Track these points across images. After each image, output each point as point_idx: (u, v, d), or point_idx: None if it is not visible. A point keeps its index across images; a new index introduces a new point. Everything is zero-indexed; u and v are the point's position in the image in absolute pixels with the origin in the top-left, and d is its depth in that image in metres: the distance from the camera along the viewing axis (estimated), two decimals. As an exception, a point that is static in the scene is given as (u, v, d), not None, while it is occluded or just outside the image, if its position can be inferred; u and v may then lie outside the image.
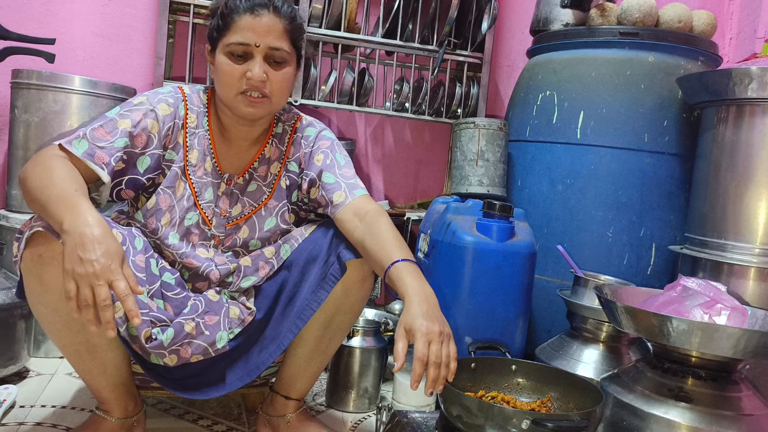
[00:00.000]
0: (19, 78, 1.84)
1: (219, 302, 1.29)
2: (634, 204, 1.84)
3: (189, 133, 1.28)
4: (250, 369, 1.29)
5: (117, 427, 1.26)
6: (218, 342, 1.25)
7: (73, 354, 1.18)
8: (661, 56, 1.85)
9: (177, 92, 1.29)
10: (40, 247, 1.07)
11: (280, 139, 1.37)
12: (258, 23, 1.19)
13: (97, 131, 1.17)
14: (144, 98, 1.25)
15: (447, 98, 2.40)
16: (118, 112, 1.21)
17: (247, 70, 1.20)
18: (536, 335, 1.89)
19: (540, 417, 1.03)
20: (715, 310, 1.16)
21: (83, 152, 1.14)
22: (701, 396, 1.12)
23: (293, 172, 1.37)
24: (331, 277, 1.26)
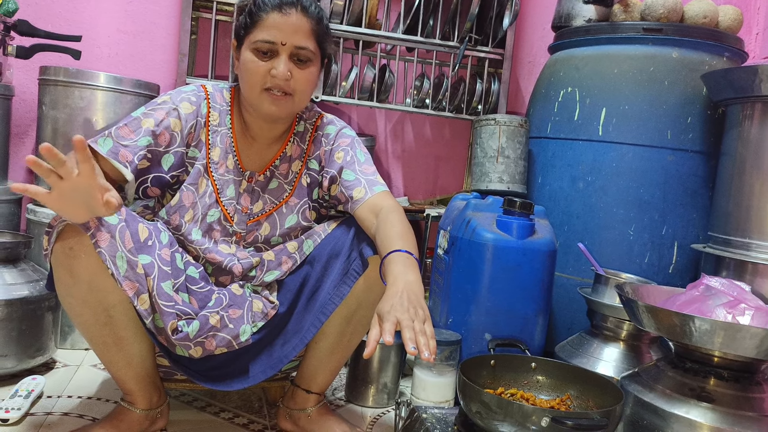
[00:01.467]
0: (46, 75, 1.88)
1: (242, 296, 1.31)
2: (656, 202, 1.82)
3: (211, 130, 1.30)
4: (273, 362, 1.31)
5: (141, 418, 1.28)
6: (242, 335, 1.27)
7: (100, 345, 1.21)
8: (685, 52, 1.83)
9: (200, 90, 1.31)
10: (70, 240, 1.10)
11: (302, 137, 1.38)
12: (285, 21, 1.21)
13: (121, 130, 1.20)
14: (167, 97, 1.27)
15: (467, 94, 2.40)
16: (143, 111, 1.24)
17: (271, 67, 1.21)
18: (556, 333, 1.88)
19: (560, 415, 1.03)
20: (738, 309, 1.15)
21: (108, 150, 1.17)
22: (723, 396, 1.11)
23: (314, 169, 1.38)
24: (353, 273, 1.27)
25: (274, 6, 1.21)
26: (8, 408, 1.33)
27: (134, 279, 1.13)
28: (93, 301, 1.14)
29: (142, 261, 1.14)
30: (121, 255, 1.11)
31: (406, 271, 1.09)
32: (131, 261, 1.12)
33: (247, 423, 1.44)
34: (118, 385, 1.28)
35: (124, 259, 1.12)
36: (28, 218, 1.88)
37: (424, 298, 1.07)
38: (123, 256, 1.12)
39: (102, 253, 1.09)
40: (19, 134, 2.25)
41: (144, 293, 1.14)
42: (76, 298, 1.15)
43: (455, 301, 1.62)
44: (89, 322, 1.18)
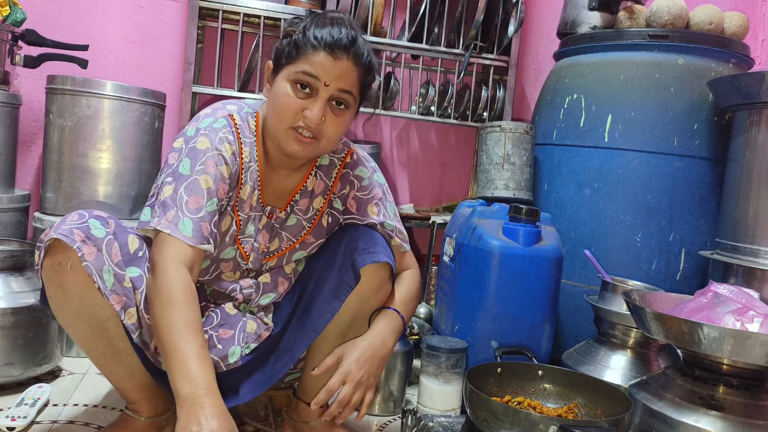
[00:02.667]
0: (53, 84, 1.89)
1: (236, 316, 1.28)
2: (663, 208, 1.81)
3: (245, 168, 1.22)
4: (263, 380, 1.27)
5: (147, 426, 1.28)
6: (230, 357, 1.24)
7: (99, 357, 1.20)
8: (691, 59, 1.82)
9: (231, 125, 1.20)
10: (58, 255, 1.09)
11: (326, 171, 1.31)
12: (333, 66, 1.12)
13: (191, 203, 1.11)
14: (207, 141, 1.16)
15: (473, 101, 2.40)
16: (193, 168, 1.13)
17: (306, 107, 1.13)
18: (563, 340, 1.87)
19: (567, 423, 1.02)
20: (747, 317, 1.14)
21: (192, 235, 1.10)
22: (733, 404, 1.10)
23: (337, 209, 1.33)
24: (346, 286, 1.23)
25: (325, 45, 1.11)
26: (14, 416, 1.33)
27: (121, 293, 1.12)
28: (86, 315, 1.13)
29: (131, 274, 1.13)
30: (107, 269, 1.10)
31: (389, 332, 1.24)
32: (118, 275, 1.12)
33: (254, 431, 1.44)
34: (120, 394, 1.28)
35: (111, 273, 1.11)
36: (35, 226, 1.89)
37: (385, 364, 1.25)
38: (110, 269, 1.11)
39: (88, 266, 1.08)
40: (26, 143, 2.27)
41: (131, 307, 1.13)
42: (69, 313, 1.14)
43: (461, 309, 1.62)
44: (85, 336, 1.17)
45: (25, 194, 1.97)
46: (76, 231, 1.09)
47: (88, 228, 1.10)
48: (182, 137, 1.19)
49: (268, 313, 1.34)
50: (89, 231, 1.10)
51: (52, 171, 1.90)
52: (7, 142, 1.91)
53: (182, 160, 1.15)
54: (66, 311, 1.14)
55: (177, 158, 1.15)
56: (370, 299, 1.26)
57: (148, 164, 1.98)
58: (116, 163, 1.90)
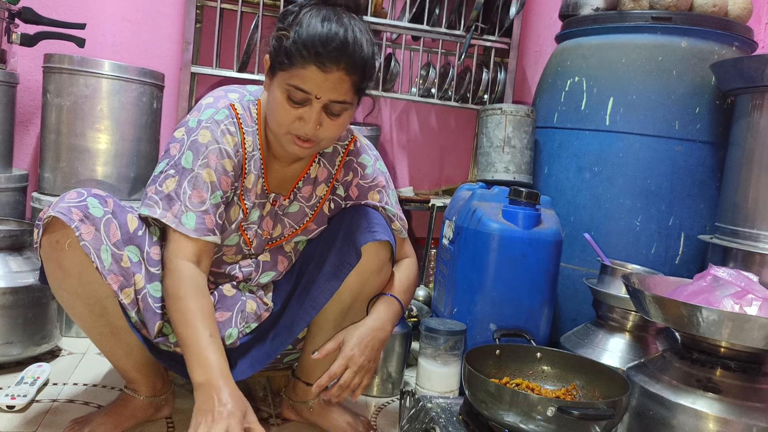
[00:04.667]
0: (51, 62, 1.87)
1: (234, 297, 1.28)
2: (663, 192, 1.81)
3: (248, 157, 1.22)
4: (261, 356, 1.27)
5: (145, 405, 1.28)
6: (227, 339, 1.24)
7: (98, 336, 1.20)
8: (694, 41, 1.81)
9: (232, 114, 1.19)
10: (56, 234, 1.09)
11: (330, 159, 1.31)
12: (324, 80, 1.08)
13: (193, 197, 1.13)
14: (208, 134, 1.16)
15: (473, 84, 2.38)
16: (195, 162, 1.14)
17: (300, 116, 1.11)
18: (561, 324, 1.88)
19: (566, 405, 1.03)
20: (746, 300, 1.14)
21: (195, 228, 1.12)
22: (730, 387, 1.10)
23: (339, 196, 1.33)
24: (346, 265, 1.22)
25: (314, 58, 1.06)
26: (14, 395, 1.34)
27: (119, 273, 1.12)
28: (84, 294, 1.13)
29: (129, 254, 1.13)
30: (105, 248, 1.10)
31: (388, 318, 1.26)
32: (116, 254, 1.11)
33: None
34: (120, 373, 1.29)
35: (109, 252, 1.11)
36: (33, 206, 1.88)
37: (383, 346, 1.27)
38: (108, 249, 1.10)
39: (86, 246, 1.08)
40: (24, 122, 2.25)
41: (129, 287, 1.13)
42: (67, 291, 1.14)
43: (460, 291, 1.62)
44: (83, 314, 1.17)
45: (23, 174, 1.96)
46: (74, 210, 1.09)
47: (86, 207, 1.10)
48: (183, 127, 1.18)
49: (268, 292, 1.34)
50: (87, 210, 1.10)
51: (50, 151, 1.89)
52: (4, 121, 1.89)
53: (184, 152, 1.15)
54: (64, 290, 1.14)
55: (179, 150, 1.16)
56: (371, 281, 1.26)
57: (146, 145, 1.97)
58: (114, 143, 1.89)
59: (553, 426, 1.04)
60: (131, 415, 1.27)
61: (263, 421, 1.40)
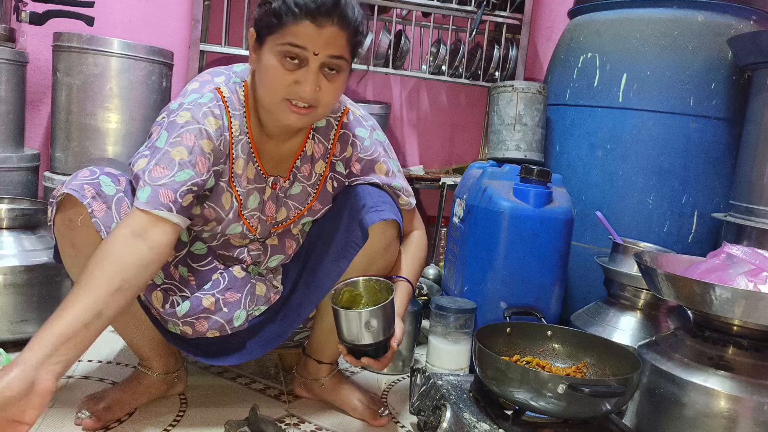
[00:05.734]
0: (60, 41, 1.87)
1: (244, 279, 1.28)
2: (677, 170, 1.79)
3: (234, 141, 1.19)
4: (270, 338, 1.28)
5: (159, 382, 1.30)
6: (236, 320, 1.25)
7: None
8: (711, 15, 1.77)
9: (218, 98, 1.16)
10: (69, 211, 1.09)
11: (324, 134, 1.28)
12: (319, 34, 1.05)
13: (155, 171, 1.08)
14: (188, 115, 1.12)
15: (485, 61, 2.36)
16: (167, 141, 1.10)
17: (297, 79, 1.08)
18: (572, 302, 1.87)
19: (576, 382, 1.03)
20: (760, 278, 1.13)
21: (146, 201, 1.05)
22: (742, 365, 1.10)
23: (340, 173, 1.30)
24: (353, 245, 1.20)
25: (307, 13, 1.04)
26: (30, 371, 1.35)
27: None
28: None
29: None
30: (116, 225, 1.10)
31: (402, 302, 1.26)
32: None
33: (264, 389, 1.46)
34: (133, 351, 1.30)
35: None
36: (46, 186, 1.89)
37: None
38: None
39: (97, 223, 1.08)
40: (34, 101, 2.26)
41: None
42: (79, 268, 1.12)
43: (471, 270, 1.62)
44: None
45: (35, 153, 1.97)
46: (86, 187, 1.09)
47: (98, 184, 1.11)
48: (166, 111, 1.16)
49: (277, 275, 1.34)
50: (100, 187, 1.11)
51: (61, 130, 1.89)
52: (15, 100, 1.90)
53: (161, 134, 1.12)
54: (77, 266, 1.15)
55: (158, 132, 1.14)
56: (378, 260, 1.25)
57: (156, 124, 1.97)
58: (124, 122, 1.89)
59: (563, 403, 1.04)
60: (145, 392, 1.29)
61: (275, 398, 1.42)
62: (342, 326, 1.12)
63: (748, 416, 1.05)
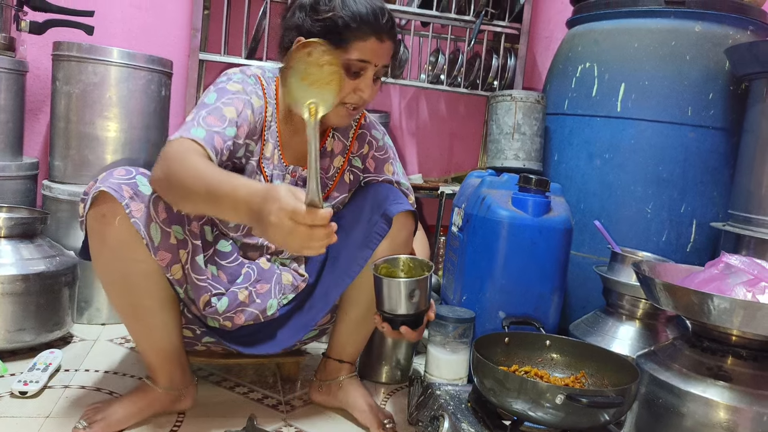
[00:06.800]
0: (59, 50, 1.87)
1: (270, 270, 1.34)
2: (675, 179, 1.79)
3: (267, 126, 1.28)
4: (299, 326, 1.34)
5: (162, 397, 1.28)
6: (268, 309, 1.31)
7: (123, 314, 1.23)
8: (708, 26, 1.78)
9: (258, 84, 1.28)
10: (103, 207, 1.10)
11: (343, 132, 1.39)
12: (381, 48, 1.20)
13: (209, 119, 1.14)
14: (239, 86, 1.22)
15: (483, 70, 2.36)
16: (219, 100, 1.18)
17: (357, 87, 1.21)
18: (571, 312, 1.87)
19: (574, 392, 1.02)
20: (758, 288, 1.13)
21: (204, 137, 1.10)
22: (741, 375, 1.09)
23: (357, 167, 1.41)
24: (376, 236, 1.28)
25: (373, 31, 1.18)
26: (27, 381, 1.35)
27: (167, 250, 1.14)
28: (122, 270, 1.15)
29: (174, 233, 1.15)
30: (154, 226, 1.12)
31: None
32: (164, 232, 1.13)
33: (262, 398, 1.46)
34: (141, 358, 1.29)
35: (158, 230, 1.13)
36: (44, 194, 1.89)
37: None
38: (157, 226, 1.12)
39: (136, 223, 1.10)
40: (33, 110, 2.26)
41: (177, 263, 1.16)
42: (106, 266, 1.16)
43: (469, 279, 1.61)
44: (117, 290, 1.19)
45: (34, 162, 1.97)
46: (124, 187, 1.10)
47: (136, 184, 1.12)
48: (212, 86, 1.24)
49: (301, 263, 1.39)
50: (137, 187, 1.12)
51: (60, 139, 1.89)
52: (15, 109, 1.90)
53: (209, 95, 1.20)
54: (103, 263, 1.16)
55: (205, 95, 1.21)
56: (399, 249, 1.31)
57: (155, 133, 1.97)
58: (123, 131, 1.89)
59: (561, 414, 1.03)
60: (147, 406, 1.27)
61: (272, 407, 1.41)
62: (384, 295, 1.17)
63: (748, 427, 1.04)
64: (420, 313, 1.18)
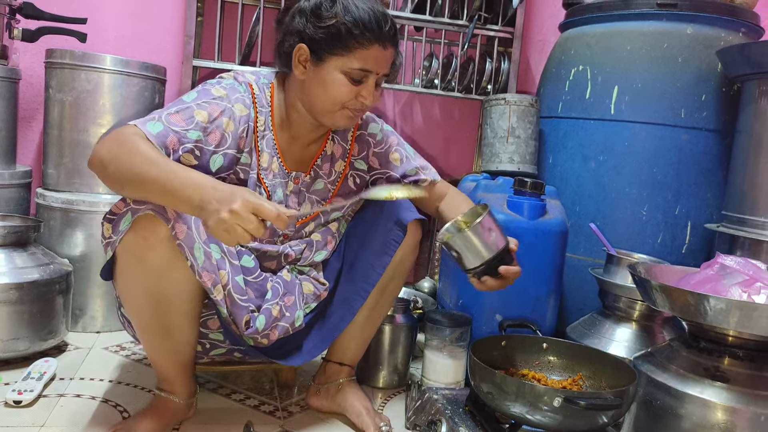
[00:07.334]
0: (52, 58, 1.87)
1: (292, 281, 1.34)
2: (669, 181, 1.79)
3: (260, 135, 1.26)
4: (324, 335, 1.34)
5: (182, 407, 1.28)
6: (296, 321, 1.31)
7: (149, 332, 1.20)
8: (700, 28, 1.79)
9: (249, 92, 1.25)
10: (146, 231, 1.08)
11: (342, 135, 1.38)
12: (383, 55, 1.20)
13: (173, 116, 1.12)
14: (223, 92, 1.20)
15: (477, 74, 2.37)
16: (195, 101, 1.16)
17: (359, 92, 1.21)
18: (567, 314, 1.87)
19: (572, 395, 1.02)
20: (754, 288, 1.13)
21: (157, 133, 1.08)
22: (738, 376, 1.09)
23: (361, 170, 1.40)
24: (393, 242, 1.30)
25: (376, 39, 1.17)
26: (21, 390, 1.34)
27: (211, 270, 1.13)
28: (159, 292, 1.13)
29: (214, 252, 1.15)
30: (198, 246, 1.11)
31: None
32: (207, 252, 1.13)
33: (258, 405, 1.45)
34: (158, 373, 1.28)
35: (202, 251, 1.12)
36: (38, 202, 1.88)
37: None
38: (200, 247, 1.11)
39: (181, 245, 1.09)
40: (26, 118, 2.25)
41: (219, 284, 1.15)
42: (140, 288, 1.14)
43: (466, 283, 1.61)
44: (147, 311, 1.17)
45: (27, 170, 1.96)
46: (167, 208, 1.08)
47: None
48: (200, 85, 1.22)
49: (319, 271, 1.39)
50: None
51: (53, 147, 1.89)
52: (8, 117, 1.89)
53: (191, 93, 1.19)
54: (137, 287, 1.14)
55: (187, 94, 1.19)
56: (408, 258, 1.35)
57: (149, 139, 1.96)
58: (117, 138, 1.89)
59: (559, 416, 1.03)
60: (172, 418, 1.27)
61: (269, 414, 1.40)
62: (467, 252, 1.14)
63: (745, 427, 1.05)
64: (506, 246, 1.16)
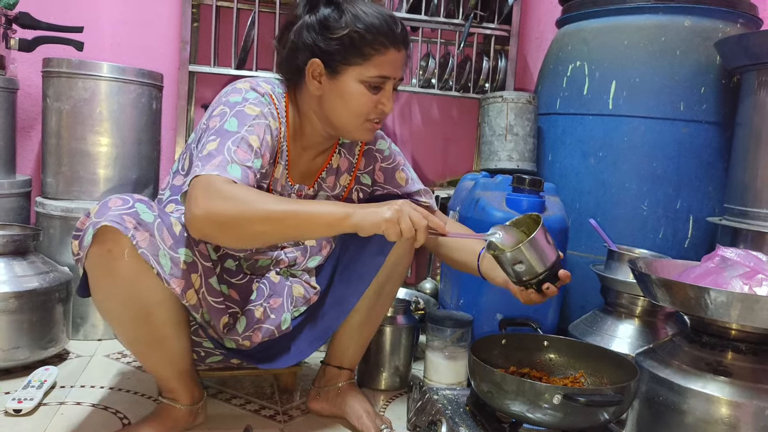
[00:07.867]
0: (49, 66, 1.87)
1: (281, 283, 1.33)
2: (670, 175, 1.78)
3: (280, 148, 1.25)
4: (314, 337, 1.33)
5: (186, 414, 1.26)
6: (283, 324, 1.30)
7: (142, 346, 1.19)
8: (697, 20, 1.78)
9: (272, 104, 1.21)
10: (108, 243, 1.05)
11: (349, 149, 1.36)
12: (398, 58, 1.19)
13: (239, 153, 1.08)
14: (258, 110, 1.16)
15: (474, 73, 2.36)
16: (241, 128, 1.11)
17: (379, 100, 1.19)
18: (569, 312, 1.86)
19: (572, 392, 1.01)
20: (755, 280, 1.12)
21: (241, 177, 1.06)
22: (741, 370, 1.08)
23: (365, 185, 1.39)
24: (388, 244, 1.28)
25: (391, 43, 1.16)
26: (21, 399, 1.34)
27: (179, 276, 1.11)
28: (135, 302, 1.11)
29: (183, 256, 1.13)
30: (163, 253, 1.09)
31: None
32: (173, 258, 1.11)
33: (259, 409, 1.44)
34: (158, 383, 1.27)
35: (167, 257, 1.10)
36: (37, 211, 1.89)
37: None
38: (165, 254, 1.09)
39: (144, 253, 1.06)
40: (25, 128, 2.26)
41: (190, 289, 1.13)
42: (115, 301, 1.12)
43: (466, 282, 1.60)
44: (129, 324, 1.15)
45: (26, 179, 1.96)
46: (126, 217, 1.05)
47: (137, 213, 1.07)
48: (223, 105, 1.16)
49: (312, 275, 1.39)
50: (139, 216, 1.07)
51: (52, 155, 1.89)
52: (6, 127, 1.90)
53: (228, 119, 1.12)
54: (112, 300, 1.12)
55: (220, 121, 1.12)
56: (404, 259, 1.33)
57: (147, 146, 1.97)
58: (115, 146, 1.89)
59: (560, 414, 1.02)
60: (174, 425, 1.25)
61: (270, 418, 1.40)
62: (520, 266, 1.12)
63: (749, 422, 1.03)
64: (558, 259, 1.15)
